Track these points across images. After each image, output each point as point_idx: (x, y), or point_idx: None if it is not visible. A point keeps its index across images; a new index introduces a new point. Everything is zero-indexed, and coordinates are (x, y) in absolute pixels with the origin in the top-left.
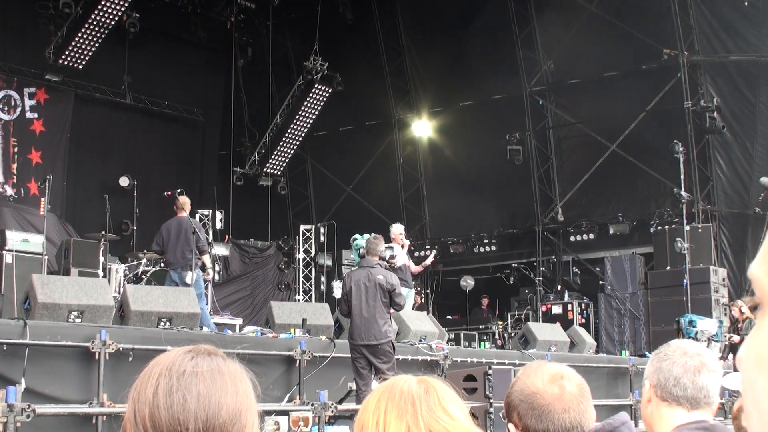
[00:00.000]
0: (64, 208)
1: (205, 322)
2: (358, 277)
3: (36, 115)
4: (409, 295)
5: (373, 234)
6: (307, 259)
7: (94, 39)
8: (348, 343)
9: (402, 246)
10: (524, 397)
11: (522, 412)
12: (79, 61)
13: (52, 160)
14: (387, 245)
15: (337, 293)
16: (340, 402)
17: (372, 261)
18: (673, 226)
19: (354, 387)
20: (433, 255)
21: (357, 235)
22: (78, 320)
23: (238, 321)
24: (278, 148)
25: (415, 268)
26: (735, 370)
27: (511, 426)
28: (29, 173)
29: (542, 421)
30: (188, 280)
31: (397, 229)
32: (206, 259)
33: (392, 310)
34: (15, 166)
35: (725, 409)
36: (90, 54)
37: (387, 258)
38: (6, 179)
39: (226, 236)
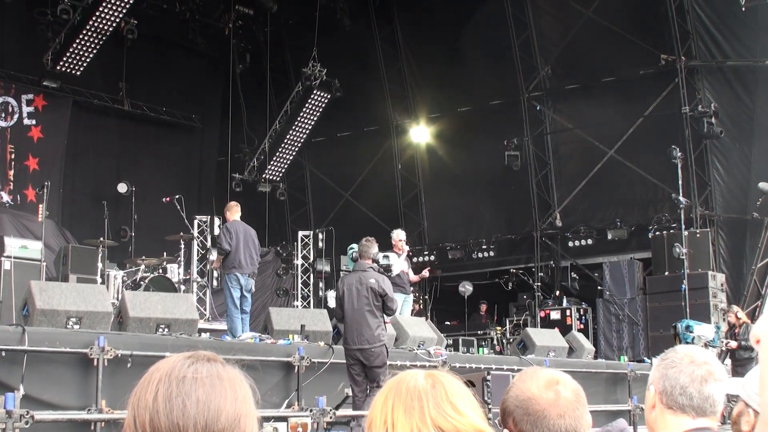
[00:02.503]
0: (60, 215)
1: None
2: (351, 281)
3: (34, 122)
4: (407, 302)
5: (365, 237)
6: (306, 265)
7: (92, 45)
8: (343, 348)
9: (401, 252)
10: (519, 402)
11: (517, 417)
12: (77, 68)
13: (50, 166)
14: (384, 254)
15: (332, 303)
16: (337, 408)
17: (365, 264)
18: (672, 231)
19: (350, 393)
20: (428, 270)
21: (354, 245)
22: (76, 326)
23: None
24: (277, 154)
25: (413, 277)
26: (732, 375)
27: None
28: (26, 180)
29: (537, 426)
30: (253, 287)
31: (398, 236)
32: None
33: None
34: (12, 172)
35: (724, 414)
36: (88, 60)
37: (380, 262)
38: (2, 186)
39: None
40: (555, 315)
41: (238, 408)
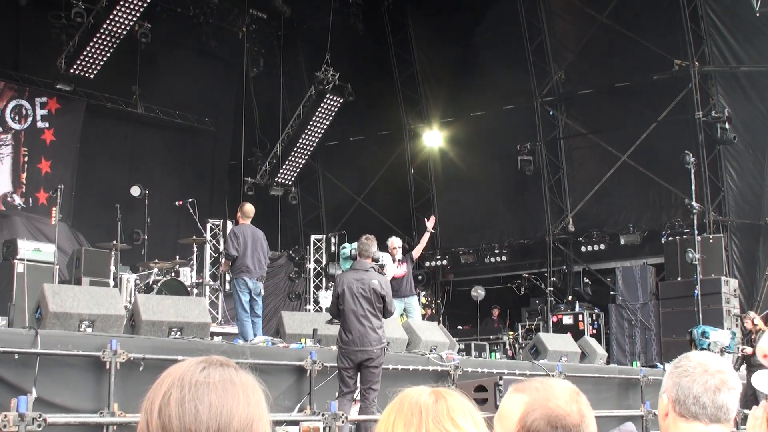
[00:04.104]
0: (72, 218)
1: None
2: (351, 280)
3: (47, 125)
4: (411, 305)
5: (365, 235)
6: (318, 269)
7: (106, 49)
8: (339, 348)
9: (394, 260)
10: (552, 420)
11: None
12: (90, 71)
13: (62, 169)
14: (380, 253)
15: (323, 303)
16: None
17: (366, 264)
18: (684, 236)
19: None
20: (432, 220)
21: (347, 244)
22: (89, 330)
23: None
24: (289, 158)
25: (417, 251)
26: (747, 380)
27: None
28: (38, 183)
29: None
30: (262, 290)
31: (393, 243)
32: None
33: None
34: (24, 175)
35: (737, 420)
36: (101, 64)
37: (378, 260)
38: (15, 188)
39: None
40: (567, 320)
41: (250, 413)
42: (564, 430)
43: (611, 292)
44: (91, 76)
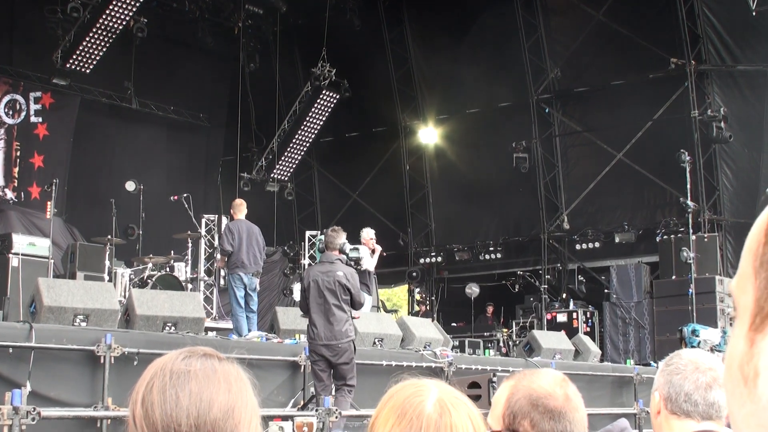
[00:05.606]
0: (65, 213)
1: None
2: (317, 273)
3: (40, 119)
4: (367, 301)
5: (332, 227)
6: (312, 265)
7: (102, 44)
8: (308, 343)
9: (373, 251)
10: (534, 400)
11: (536, 418)
12: (86, 66)
13: (55, 164)
14: (353, 246)
15: (298, 295)
16: (304, 407)
17: (332, 256)
18: (679, 235)
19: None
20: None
21: (321, 237)
22: (83, 324)
23: None
24: (285, 153)
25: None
26: None
27: None
28: (31, 177)
29: (561, 422)
30: (257, 286)
31: (368, 234)
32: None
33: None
34: (17, 170)
35: (728, 418)
36: (97, 58)
37: (349, 254)
38: (7, 183)
39: None
40: (561, 318)
41: (231, 399)
42: (545, 409)
43: (605, 290)
44: (88, 71)
